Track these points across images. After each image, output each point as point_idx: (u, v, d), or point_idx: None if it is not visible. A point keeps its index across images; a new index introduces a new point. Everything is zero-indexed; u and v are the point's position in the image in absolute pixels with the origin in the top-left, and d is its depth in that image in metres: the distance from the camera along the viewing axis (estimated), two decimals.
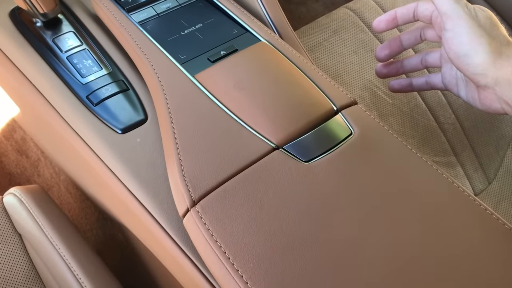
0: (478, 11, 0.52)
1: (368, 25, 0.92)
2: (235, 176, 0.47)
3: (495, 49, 0.50)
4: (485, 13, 0.52)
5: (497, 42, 0.50)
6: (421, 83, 0.65)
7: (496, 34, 0.51)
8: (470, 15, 0.51)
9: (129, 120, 0.54)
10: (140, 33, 0.58)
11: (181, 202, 0.46)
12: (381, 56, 0.63)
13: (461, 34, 0.50)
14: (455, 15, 0.51)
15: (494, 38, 0.50)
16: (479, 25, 0.51)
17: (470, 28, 0.50)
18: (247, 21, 0.60)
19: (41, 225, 0.63)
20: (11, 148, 0.95)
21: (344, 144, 0.49)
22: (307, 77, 0.54)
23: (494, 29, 0.51)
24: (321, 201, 0.45)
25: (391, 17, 0.60)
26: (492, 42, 0.50)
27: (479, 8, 0.52)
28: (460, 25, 0.50)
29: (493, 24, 0.51)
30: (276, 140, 0.49)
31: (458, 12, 0.51)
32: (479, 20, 0.51)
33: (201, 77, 0.54)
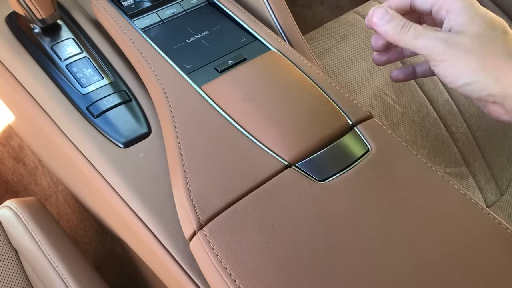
0: (484, 20, 0.46)
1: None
2: (245, 196, 0.44)
3: (501, 68, 0.44)
4: (492, 22, 0.46)
5: (503, 56, 0.44)
6: (424, 69, 0.58)
7: (503, 46, 0.45)
8: (472, 34, 0.45)
9: (131, 133, 0.51)
10: (143, 41, 0.55)
11: (187, 224, 0.43)
12: (378, 45, 0.56)
13: (459, 65, 0.45)
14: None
15: (500, 53, 0.44)
16: (481, 43, 0.45)
17: (470, 54, 0.44)
18: (256, 28, 0.57)
19: (38, 241, 0.60)
20: (8, 155, 0.92)
21: (361, 162, 0.46)
22: (320, 89, 0.51)
23: (500, 41, 0.45)
24: (338, 225, 0.42)
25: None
26: (497, 62, 0.44)
27: (487, 16, 0.46)
28: (456, 55, 0.44)
29: (501, 35, 0.45)
30: (288, 157, 0.46)
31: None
32: (482, 35, 0.45)
33: (208, 88, 0.51)
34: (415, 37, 0.46)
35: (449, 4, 0.46)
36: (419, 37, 0.46)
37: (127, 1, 0.58)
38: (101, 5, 0.58)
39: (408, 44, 0.46)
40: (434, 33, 0.45)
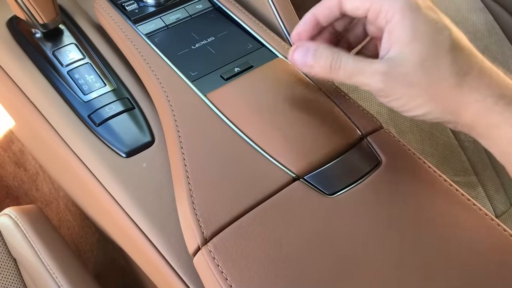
0: (427, 36, 0.38)
1: None
2: (251, 210, 0.42)
3: (449, 98, 0.39)
4: (437, 38, 0.38)
5: (451, 83, 0.38)
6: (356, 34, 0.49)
7: (451, 68, 0.38)
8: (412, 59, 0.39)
9: (134, 142, 0.49)
10: (147, 46, 0.54)
11: (191, 238, 0.41)
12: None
13: (404, 99, 0.40)
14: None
15: (447, 79, 0.38)
16: (424, 71, 0.38)
17: (413, 87, 0.39)
18: (263, 34, 0.56)
19: (37, 251, 0.59)
20: (9, 160, 0.91)
21: (371, 175, 0.44)
22: (329, 98, 0.50)
23: (447, 62, 0.38)
24: (348, 241, 0.40)
25: (311, 23, 0.45)
26: (444, 91, 0.38)
27: (431, 29, 0.39)
28: (399, 90, 0.39)
29: (447, 54, 0.38)
30: (296, 169, 0.44)
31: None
32: (424, 59, 0.38)
33: (214, 96, 0.49)
34: (349, 76, 0.41)
35: (387, 13, 0.39)
36: (353, 76, 0.41)
37: (131, 6, 0.57)
38: (104, 10, 0.57)
39: (344, 82, 0.42)
40: (370, 68, 0.40)
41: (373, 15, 0.41)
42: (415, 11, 0.39)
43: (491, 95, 0.38)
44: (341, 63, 0.41)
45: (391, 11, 0.39)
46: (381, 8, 0.40)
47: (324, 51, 0.42)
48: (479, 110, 0.38)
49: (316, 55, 0.43)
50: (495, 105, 0.37)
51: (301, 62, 0.43)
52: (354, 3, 0.42)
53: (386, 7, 0.39)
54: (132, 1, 0.58)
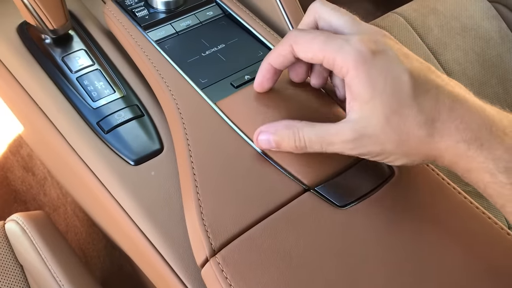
0: (387, 88, 0.37)
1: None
2: (261, 221, 0.41)
3: (424, 149, 0.37)
4: (398, 89, 0.37)
5: (421, 135, 0.37)
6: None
7: (418, 119, 0.36)
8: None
9: (143, 150, 0.49)
10: (157, 53, 0.53)
11: (199, 250, 0.41)
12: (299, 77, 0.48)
13: (380, 158, 0.39)
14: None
15: (417, 132, 0.37)
16: (392, 129, 0.37)
17: (385, 145, 0.38)
18: (273, 42, 0.55)
19: (44, 257, 0.58)
20: (17, 164, 0.91)
21: (384, 186, 0.43)
22: (341, 108, 0.49)
23: (412, 112, 0.36)
24: (360, 255, 0.39)
25: (269, 72, 0.45)
26: (418, 146, 0.37)
27: (389, 81, 0.37)
28: (372, 150, 0.39)
29: (412, 103, 0.36)
30: (307, 180, 0.43)
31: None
32: (389, 114, 0.37)
33: (224, 104, 0.49)
34: (319, 149, 0.41)
35: (342, 68, 0.38)
36: (324, 148, 0.40)
37: (142, 12, 0.57)
38: (114, 16, 0.56)
39: (315, 151, 0.41)
40: (337, 138, 0.39)
41: (329, 66, 0.39)
42: (369, 63, 0.37)
43: (462, 140, 0.36)
44: (305, 140, 0.41)
45: (345, 66, 0.38)
46: (334, 62, 0.38)
47: (285, 132, 0.42)
48: (453, 157, 0.37)
49: (278, 140, 0.42)
50: (467, 151, 0.36)
51: (267, 146, 0.43)
52: (307, 54, 0.40)
53: (339, 62, 0.38)
54: (142, 7, 0.57)
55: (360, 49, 0.37)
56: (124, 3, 0.57)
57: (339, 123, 0.39)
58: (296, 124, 0.41)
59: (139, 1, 0.58)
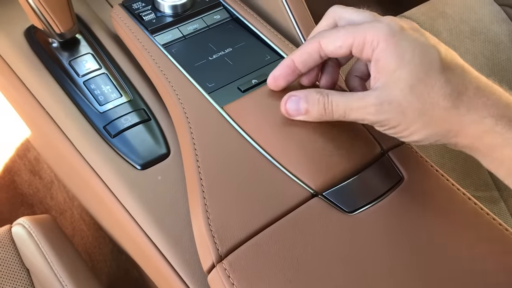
0: (414, 59, 0.37)
1: None
2: (268, 227, 0.41)
3: (446, 121, 0.37)
4: (425, 61, 0.37)
5: (446, 105, 0.37)
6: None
7: (443, 90, 0.37)
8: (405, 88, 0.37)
9: (149, 154, 0.49)
10: (164, 57, 0.53)
11: (206, 255, 0.40)
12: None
13: (401, 127, 0.39)
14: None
15: (441, 101, 0.37)
16: (417, 96, 0.37)
17: (407, 115, 0.38)
18: (281, 45, 0.55)
19: (50, 262, 0.58)
20: (24, 168, 0.91)
21: (393, 192, 0.43)
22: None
23: (438, 84, 0.37)
24: (368, 261, 0.39)
25: (289, 68, 0.44)
26: (440, 115, 0.37)
27: (417, 51, 0.37)
28: (394, 119, 0.38)
29: (438, 74, 0.37)
30: (315, 185, 0.43)
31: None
32: (415, 83, 0.37)
33: (231, 108, 0.48)
34: (343, 115, 0.41)
35: (372, 42, 0.38)
36: (347, 114, 0.40)
37: (149, 16, 0.56)
38: (121, 20, 0.56)
39: (339, 119, 0.41)
40: (361, 103, 0.39)
41: (358, 50, 0.40)
42: (399, 35, 0.38)
43: (489, 115, 0.36)
44: (332, 104, 0.41)
45: (376, 39, 0.38)
46: (364, 39, 0.39)
47: (315, 96, 0.42)
48: (478, 132, 0.36)
49: (308, 101, 0.42)
50: (494, 126, 0.36)
51: (295, 111, 0.44)
52: (336, 43, 0.41)
53: (369, 37, 0.39)
54: (149, 11, 0.57)
55: (390, 24, 0.38)
56: (131, 7, 0.57)
57: (364, 92, 0.40)
58: (325, 90, 0.42)
59: (146, 4, 0.58)
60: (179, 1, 0.57)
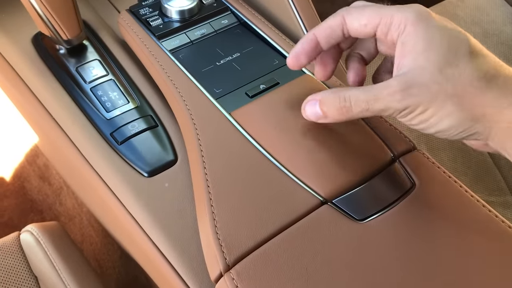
0: (443, 42, 0.36)
1: None
2: (277, 235, 0.40)
3: (477, 104, 0.35)
4: (454, 43, 0.36)
5: (476, 88, 0.35)
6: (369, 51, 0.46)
7: (474, 73, 0.35)
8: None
9: (157, 161, 0.48)
10: (171, 63, 0.53)
11: (213, 264, 0.40)
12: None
13: (428, 113, 0.36)
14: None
15: (473, 84, 0.35)
16: (447, 79, 0.35)
17: (436, 98, 0.35)
18: (289, 50, 0.54)
19: (58, 269, 0.58)
20: (34, 174, 0.91)
21: (405, 199, 0.42)
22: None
23: (469, 67, 0.35)
24: (379, 271, 0.38)
25: (312, 43, 0.42)
26: (471, 98, 0.35)
27: (446, 35, 0.36)
28: (421, 103, 0.36)
29: (468, 59, 0.35)
30: (324, 192, 0.42)
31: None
32: (444, 66, 0.35)
33: (238, 114, 0.48)
34: (365, 108, 0.38)
35: (399, 25, 0.37)
36: (370, 106, 0.38)
37: (156, 21, 0.56)
38: (128, 25, 0.56)
39: (364, 116, 0.39)
40: (384, 91, 0.36)
41: (384, 30, 0.38)
42: (428, 20, 0.37)
43: None
44: (351, 100, 0.39)
45: (403, 22, 0.37)
46: (391, 20, 0.37)
47: (330, 96, 0.40)
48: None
49: (324, 103, 0.40)
50: None
51: (315, 116, 0.42)
52: (361, 21, 0.39)
53: (397, 19, 0.37)
54: (156, 16, 0.57)
55: (420, 10, 0.37)
56: (139, 12, 0.57)
57: (386, 80, 0.37)
58: (343, 88, 0.40)
59: (153, 10, 0.57)
60: (187, 6, 0.56)
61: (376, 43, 0.44)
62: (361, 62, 0.45)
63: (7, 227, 0.92)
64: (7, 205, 0.93)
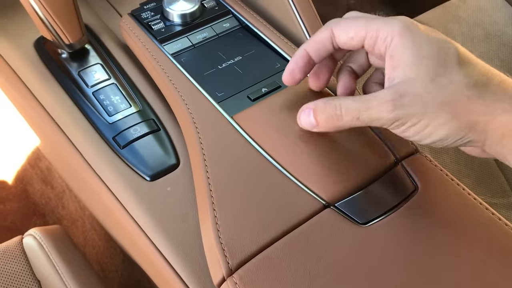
0: (432, 52, 0.36)
1: None
2: (279, 239, 0.40)
3: (471, 112, 0.35)
4: (442, 52, 0.36)
5: (469, 96, 0.35)
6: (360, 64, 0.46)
7: (465, 81, 0.35)
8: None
9: (159, 165, 0.48)
10: (173, 66, 0.53)
11: (216, 268, 0.40)
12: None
13: (421, 124, 0.36)
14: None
15: (465, 93, 0.35)
16: (438, 88, 0.35)
17: (429, 108, 0.35)
18: (291, 53, 0.54)
19: (60, 273, 0.58)
20: (36, 177, 0.91)
21: (408, 202, 0.42)
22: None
23: (459, 75, 0.35)
24: (382, 275, 0.38)
25: (304, 59, 0.43)
26: (465, 106, 0.35)
27: (434, 45, 0.36)
28: (413, 115, 0.36)
29: (457, 67, 0.35)
30: (326, 196, 0.42)
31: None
32: (435, 75, 0.35)
33: (240, 118, 0.48)
34: (356, 116, 0.38)
35: (386, 38, 0.37)
36: (361, 115, 0.38)
37: (158, 25, 0.56)
38: (130, 29, 0.56)
39: (354, 125, 0.39)
40: (375, 100, 0.36)
41: (370, 43, 0.38)
42: (414, 31, 0.37)
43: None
44: (341, 108, 0.39)
45: (390, 35, 0.37)
46: (377, 34, 0.38)
47: (322, 105, 0.40)
48: (509, 122, 0.34)
49: (317, 112, 0.41)
50: None
51: (308, 124, 0.42)
52: (349, 34, 0.40)
53: (383, 33, 0.37)
54: (158, 20, 0.57)
55: (405, 21, 0.37)
56: (140, 16, 0.57)
57: (379, 91, 0.38)
58: (335, 97, 0.40)
59: (155, 14, 0.57)
60: (188, 9, 0.56)
61: (367, 55, 0.44)
62: (352, 76, 0.45)
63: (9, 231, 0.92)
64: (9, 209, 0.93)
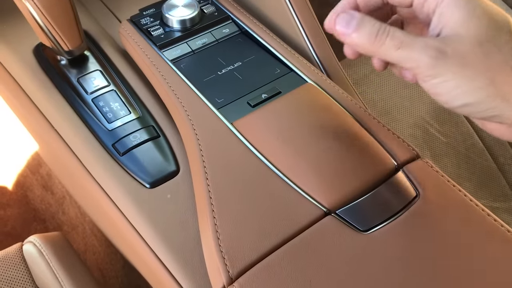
0: (485, 17, 0.34)
1: None
2: (280, 247, 0.40)
3: (511, 84, 0.34)
4: (496, 20, 0.35)
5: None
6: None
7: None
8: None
9: (159, 172, 0.48)
10: (173, 73, 0.52)
11: (216, 277, 0.39)
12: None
13: (456, 82, 0.35)
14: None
15: (509, 63, 0.34)
16: (484, 52, 0.34)
17: (469, 67, 0.34)
18: (291, 59, 0.54)
19: (61, 280, 0.58)
20: (37, 183, 0.91)
21: (409, 209, 0.41)
22: (361, 126, 0.47)
23: (508, 46, 0.34)
24: (384, 283, 0.37)
25: (351, 6, 0.41)
26: (506, 76, 0.34)
27: (488, 11, 0.35)
28: (452, 70, 0.34)
29: (508, 38, 0.34)
30: (327, 203, 0.42)
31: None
32: (484, 39, 0.34)
33: (240, 124, 0.48)
34: (394, 47, 0.36)
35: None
36: (400, 47, 0.35)
37: (157, 31, 0.56)
38: (130, 35, 0.56)
39: (386, 56, 0.36)
40: (420, 41, 0.35)
41: (421, 0, 0.37)
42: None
43: None
44: (388, 33, 0.36)
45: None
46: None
47: (371, 20, 0.37)
48: None
49: (363, 22, 0.37)
50: None
51: (343, 30, 0.38)
52: None
53: None
54: (158, 26, 0.57)
55: None
56: (140, 22, 0.57)
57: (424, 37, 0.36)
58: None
59: (154, 20, 0.57)
60: (188, 15, 0.56)
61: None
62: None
63: (10, 236, 0.92)
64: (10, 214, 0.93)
